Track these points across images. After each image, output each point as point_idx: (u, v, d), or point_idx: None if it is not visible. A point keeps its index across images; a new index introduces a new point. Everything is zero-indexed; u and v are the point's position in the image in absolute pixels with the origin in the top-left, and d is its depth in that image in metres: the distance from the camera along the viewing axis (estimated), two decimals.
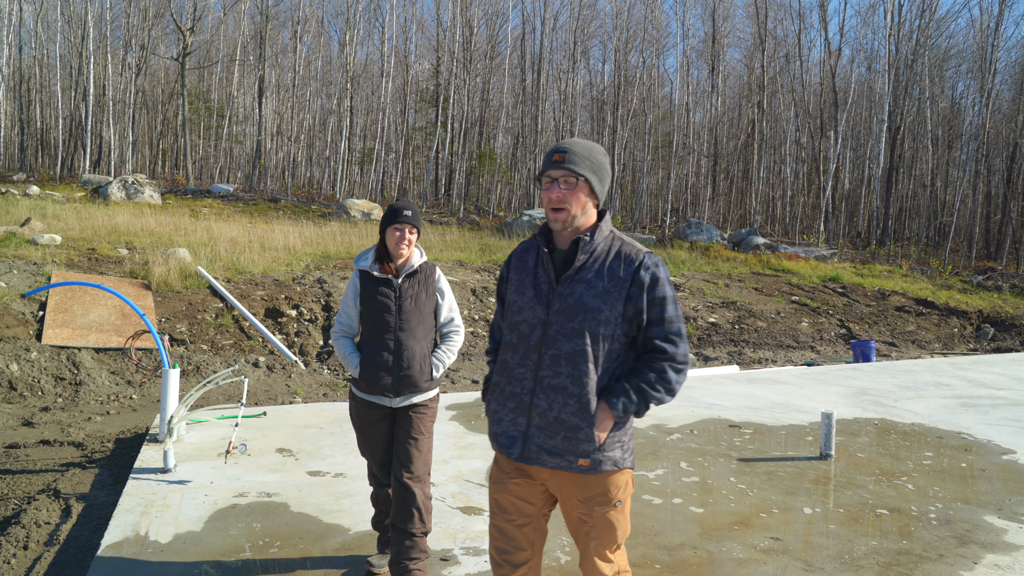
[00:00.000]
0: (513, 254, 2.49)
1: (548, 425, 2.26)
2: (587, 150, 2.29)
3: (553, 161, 2.26)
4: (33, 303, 8.86)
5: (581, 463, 2.25)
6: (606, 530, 2.32)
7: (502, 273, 2.51)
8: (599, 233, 2.31)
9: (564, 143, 2.30)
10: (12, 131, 35.76)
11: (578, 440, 2.24)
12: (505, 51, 37.15)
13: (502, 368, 2.38)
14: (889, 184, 31.15)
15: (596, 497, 2.30)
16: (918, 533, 4.12)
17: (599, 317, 2.23)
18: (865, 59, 37.38)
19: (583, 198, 2.27)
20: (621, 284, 2.25)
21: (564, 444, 2.25)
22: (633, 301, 2.25)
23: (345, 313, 3.47)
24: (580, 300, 2.24)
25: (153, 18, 34.76)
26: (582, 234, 2.30)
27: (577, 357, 2.23)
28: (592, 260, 2.28)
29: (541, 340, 2.28)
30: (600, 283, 2.25)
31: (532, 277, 2.35)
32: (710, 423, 6.57)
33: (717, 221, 36.75)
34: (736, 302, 14.47)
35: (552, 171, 2.26)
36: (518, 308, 2.35)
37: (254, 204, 24.37)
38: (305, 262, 12.81)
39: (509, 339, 2.37)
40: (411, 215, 3.37)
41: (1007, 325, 15.25)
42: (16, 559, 3.85)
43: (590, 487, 2.30)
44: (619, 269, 2.26)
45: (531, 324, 2.31)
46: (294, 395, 8.29)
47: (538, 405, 2.27)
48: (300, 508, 4.29)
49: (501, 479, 2.42)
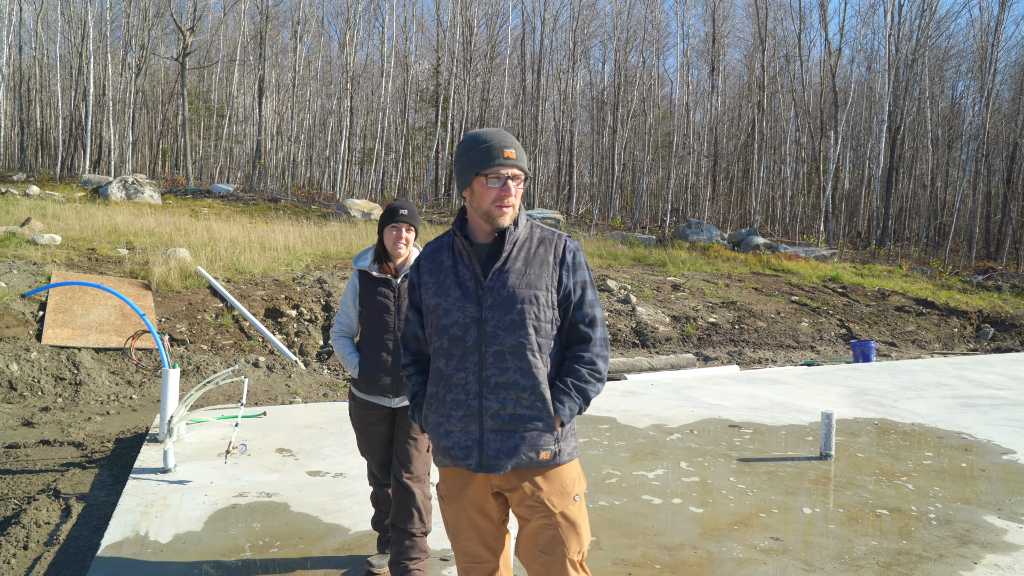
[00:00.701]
0: (421, 257, 2.36)
1: (503, 426, 2.17)
2: (520, 144, 2.27)
3: (506, 158, 2.19)
4: (33, 303, 8.86)
5: (543, 456, 2.18)
6: (570, 531, 2.20)
7: (413, 278, 2.37)
8: (520, 221, 2.26)
9: (506, 138, 2.23)
10: (12, 131, 35.76)
11: (539, 432, 2.18)
12: (505, 51, 37.16)
13: (436, 377, 2.25)
14: (889, 184, 31.16)
15: (555, 493, 2.20)
16: (918, 533, 4.12)
17: (537, 303, 2.19)
18: (865, 59, 37.42)
19: (522, 191, 2.26)
20: (551, 269, 2.23)
21: (522, 441, 2.17)
22: (563, 285, 2.24)
23: (344, 313, 3.47)
24: (514, 291, 2.18)
25: (153, 18, 34.75)
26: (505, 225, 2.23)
27: (522, 349, 2.17)
28: (517, 249, 2.23)
29: (479, 339, 2.18)
30: (531, 270, 2.21)
31: (454, 276, 2.24)
32: (710, 423, 6.57)
33: (717, 221, 36.76)
34: (736, 302, 14.47)
35: (503, 168, 2.19)
36: (444, 311, 2.23)
37: (254, 204, 24.37)
38: (305, 262, 12.81)
39: (439, 345, 2.24)
40: (408, 214, 3.38)
41: (1007, 325, 15.25)
42: (16, 559, 3.85)
43: (550, 481, 2.21)
44: (546, 254, 2.24)
45: (463, 325, 2.20)
46: (294, 395, 8.29)
47: (489, 407, 2.17)
48: (300, 508, 4.28)
49: (454, 496, 2.28)
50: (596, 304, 2.30)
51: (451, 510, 2.29)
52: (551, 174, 40.03)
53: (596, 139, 39.33)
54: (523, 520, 2.24)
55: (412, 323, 2.39)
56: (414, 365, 2.40)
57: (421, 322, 2.36)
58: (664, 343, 12.24)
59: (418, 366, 2.39)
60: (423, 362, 2.39)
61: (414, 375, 2.39)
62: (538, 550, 2.21)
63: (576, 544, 2.22)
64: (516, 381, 2.17)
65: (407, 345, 2.42)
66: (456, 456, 2.20)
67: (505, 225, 2.21)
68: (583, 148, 40.33)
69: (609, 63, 38.50)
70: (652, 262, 17.64)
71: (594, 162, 38.49)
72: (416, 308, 2.37)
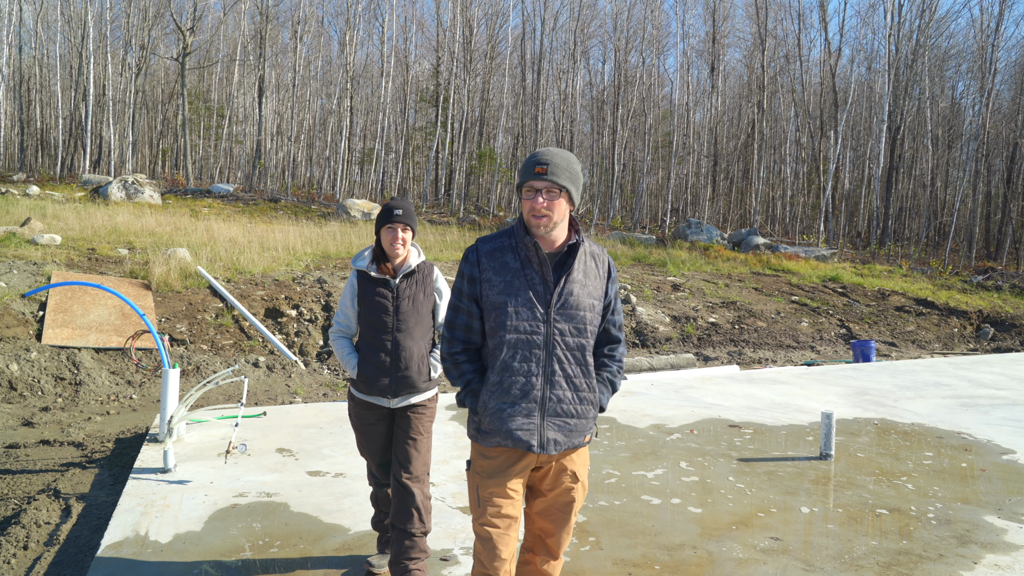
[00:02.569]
0: (481, 254, 2.53)
1: (560, 415, 2.50)
2: (565, 161, 2.45)
3: (536, 173, 2.41)
4: (33, 303, 8.86)
5: (585, 440, 2.59)
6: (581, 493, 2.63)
7: (472, 273, 2.53)
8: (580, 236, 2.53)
9: (545, 154, 2.45)
10: (12, 131, 35.76)
11: (587, 420, 2.57)
12: (505, 51, 37.15)
13: (502, 368, 2.49)
14: (889, 184, 31.15)
15: (583, 465, 2.62)
16: (918, 533, 4.12)
17: (592, 311, 2.52)
18: (865, 59, 37.39)
19: (563, 207, 2.46)
20: (601, 281, 2.56)
21: (575, 429, 2.53)
22: (607, 295, 2.60)
23: (343, 314, 3.47)
24: (579, 299, 2.48)
25: (153, 18, 34.75)
26: (575, 239, 2.50)
27: (582, 350, 2.52)
28: (577, 261, 2.51)
29: (547, 338, 2.46)
30: (589, 282, 2.52)
31: (523, 279, 2.47)
32: (710, 423, 6.57)
33: (717, 221, 36.76)
34: (736, 302, 14.47)
35: (535, 182, 2.41)
36: (514, 310, 2.46)
37: (254, 204, 24.38)
38: (305, 262, 12.81)
39: (506, 339, 2.47)
40: (403, 214, 3.36)
41: (1007, 325, 15.25)
42: (16, 559, 3.85)
43: (581, 456, 2.62)
44: (598, 268, 2.57)
45: (533, 324, 2.46)
46: (294, 395, 8.29)
47: (551, 398, 2.49)
48: (300, 508, 4.29)
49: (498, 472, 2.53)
50: (621, 309, 2.71)
51: (490, 484, 2.54)
52: None
53: (596, 139, 39.31)
54: (549, 487, 2.60)
55: (468, 314, 2.57)
56: (465, 353, 2.61)
57: (480, 315, 2.56)
58: (664, 343, 12.24)
59: (468, 355, 2.61)
60: (473, 351, 2.61)
61: (465, 363, 2.61)
62: (556, 508, 2.61)
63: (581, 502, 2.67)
64: (575, 378, 2.51)
65: (455, 333, 2.60)
66: (518, 439, 2.49)
67: (541, 234, 2.46)
68: (583, 148, 40.32)
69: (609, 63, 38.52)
70: (652, 262, 17.64)
71: (594, 162, 38.48)
72: (476, 301, 2.55)
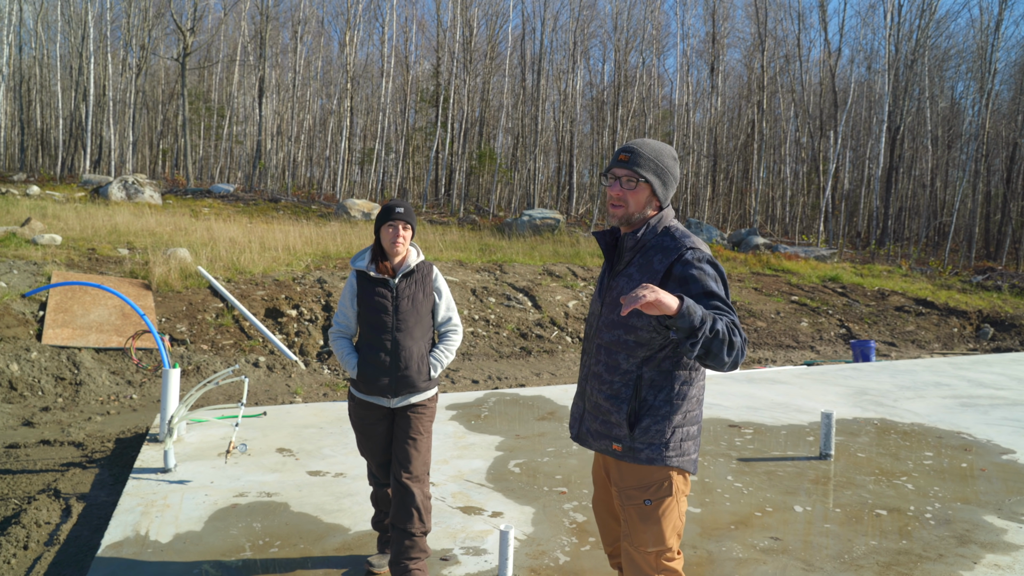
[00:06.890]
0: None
1: (592, 409, 2.42)
2: (655, 152, 2.32)
3: (619, 160, 2.32)
4: (33, 303, 8.87)
5: (615, 447, 2.34)
6: (635, 530, 2.31)
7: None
8: (647, 228, 2.33)
9: (633, 143, 2.35)
10: (12, 131, 35.76)
11: (611, 424, 2.35)
12: (505, 51, 37.15)
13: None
14: (889, 184, 31.16)
15: (627, 489, 2.34)
16: (918, 533, 4.12)
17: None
18: (865, 59, 37.42)
19: (643, 198, 2.32)
20: (654, 276, 2.25)
21: (602, 427, 2.38)
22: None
23: (343, 314, 3.47)
24: (621, 293, 2.33)
25: (153, 18, 34.76)
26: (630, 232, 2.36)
27: (612, 346, 2.34)
28: (637, 255, 2.33)
29: (595, 330, 2.44)
30: (639, 276, 2.29)
31: (604, 267, 2.50)
32: (710, 423, 6.57)
33: (717, 221, 36.77)
34: (736, 302, 14.47)
35: (616, 169, 2.33)
36: (592, 298, 2.54)
37: (254, 204, 24.39)
38: (305, 262, 12.82)
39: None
40: (403, 212, 3.37)
41: (1007, 325, 15.25)
42: (16, 559, 3.85)
43: (623, 476, 2.36)
44: (656, 262, 2.27)
45: (594, 314, 2.49)
46: (294, 395, 8.29)
47: (589, 390, 2.44)
48: (300, 508, 4.29)
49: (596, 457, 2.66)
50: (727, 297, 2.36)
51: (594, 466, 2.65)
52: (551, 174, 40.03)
53: (596, 139, 39.33)
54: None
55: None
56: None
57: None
58: None
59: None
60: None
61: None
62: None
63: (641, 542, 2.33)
64: (600, 374, 2.39)
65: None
66: (569, 424, 2.55)
67: (614, 224, 2.39)
68: (583, 148, 40.33)
69: (609, 63, 38.57)
70: None
71: (594, 162, 38.49)
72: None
